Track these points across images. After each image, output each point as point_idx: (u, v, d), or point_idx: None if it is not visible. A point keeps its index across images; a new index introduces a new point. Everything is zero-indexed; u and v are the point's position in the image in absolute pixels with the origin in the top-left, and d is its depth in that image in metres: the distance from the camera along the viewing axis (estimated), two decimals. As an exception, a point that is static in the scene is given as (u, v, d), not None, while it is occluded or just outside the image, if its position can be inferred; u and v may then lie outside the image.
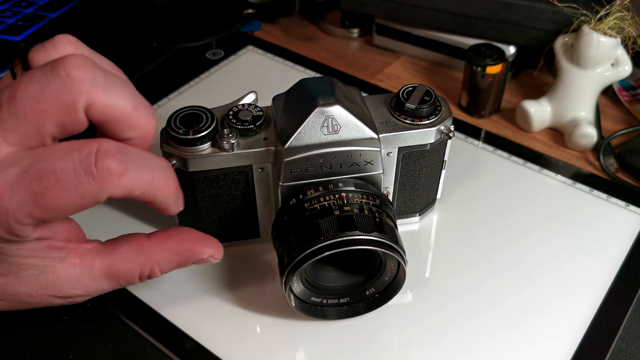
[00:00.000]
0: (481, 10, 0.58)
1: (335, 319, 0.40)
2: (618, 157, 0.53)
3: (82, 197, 0.28)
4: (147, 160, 0.30)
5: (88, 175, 0.28)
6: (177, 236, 0.36)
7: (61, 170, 0.27)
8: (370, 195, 0.38)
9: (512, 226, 0.46)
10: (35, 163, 0.28)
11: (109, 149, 0.28)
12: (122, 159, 0.28)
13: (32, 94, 0.28)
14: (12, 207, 0.28)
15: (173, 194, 0.32)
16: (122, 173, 0.28)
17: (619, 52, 0.51)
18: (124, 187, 0.29)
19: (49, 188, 0.27)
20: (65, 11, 0.65)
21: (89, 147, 0.28)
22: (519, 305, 0.41)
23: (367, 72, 0.64)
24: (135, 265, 0.35)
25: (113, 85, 0.29)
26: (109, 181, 0.28)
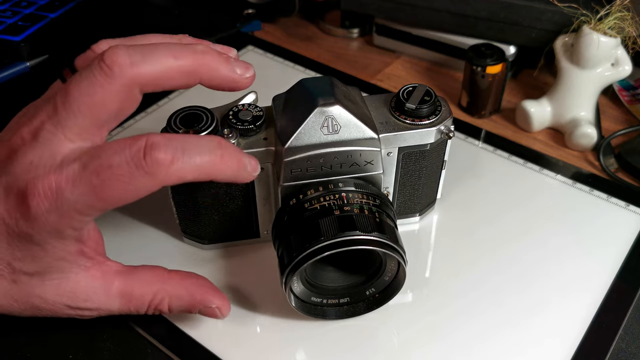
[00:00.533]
0: (481, 10, 0.58)
1: (335, 319, 0.40)
2: (618, 157, 0.53)
3: (136, 188, 0.31)
4: (195, 146, 0.32)
5: (139, 168, 0.30)
6: (195, 279, 0.38)
7: (116, 164, 0.30)
8: (370, 195, 0.38)
9: (512, 226, 0.46)
10: (93, 159, 0.31)
11: (156, 142, 0.30)
12: (168, 149, 0.30)
13: (83, 91, 0.31)
14: (74, 199, 0.30)
15: (231, 168, 0.33)
16: (170, 162, 0.30)
17: (619, 52, 0.51)
18: (174, 174, 0.31)
19: (106, 181, 0.30)
20: (65, 11, 0.65)
21: (139, 142, 0.30)
22: (519, 305, 0.41)
23: (367, 72, 0.64)
24: (150, 292, 0.36)
25: (147, 54, 0.32)
26: (158, 172, 0.30)
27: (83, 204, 0.31)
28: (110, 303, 0.36)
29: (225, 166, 0.33)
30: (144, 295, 0.36)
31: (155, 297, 0.37)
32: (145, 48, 0.32)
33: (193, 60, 0.33)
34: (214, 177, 0.33)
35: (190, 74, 0.33)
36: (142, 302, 0.37)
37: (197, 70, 0.33)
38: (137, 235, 0.45)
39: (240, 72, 0.35)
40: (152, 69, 0.32)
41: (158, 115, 0.56)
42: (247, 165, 0.34)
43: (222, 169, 0.33)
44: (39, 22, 0.63)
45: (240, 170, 0.34)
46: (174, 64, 0.32)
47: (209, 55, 0.34)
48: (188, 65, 0.33)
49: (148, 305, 0.37)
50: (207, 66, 0.33)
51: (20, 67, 0.60)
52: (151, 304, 0.37)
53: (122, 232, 0.46)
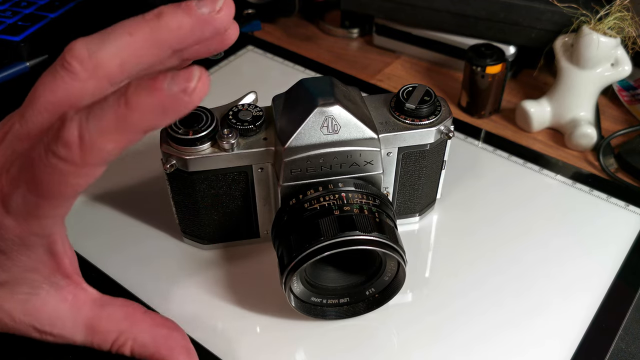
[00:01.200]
0: (481, 10, 0.58)
1: (335, 319, 0.40)
2: (618, 157, 0.53)
3: (65, 177, 0.27)
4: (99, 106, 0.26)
5: (55, 156, 0.26)
6: (167, 331, 0.36)
7: (36, 157, 0.27)
8: (370, 195, 0.38)
9: (512, 226, 0.46)
10: (24, 157, 0.28)
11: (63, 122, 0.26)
12: (73, 125, 0.26)
13: (47, 87, 0.29)
14: (19, 200, 0.28)
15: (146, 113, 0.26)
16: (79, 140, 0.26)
17: (618, 52, 0.51)
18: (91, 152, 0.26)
19: (35, 176, 0.27)
20: (65, 11, 0.65)
21: (54, 126, 0.27)
22: (519, 305, 0.41)
23: (367, 72, 0.64)
24: (115, 330, 0.35)
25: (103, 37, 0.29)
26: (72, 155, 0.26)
27: (29, 205, 0.28)
28: (74, 332, 0.34)
29: (135, 113, 0.26)
30: (109, 332, 0.34)
31: (120, 337, 0.34)
32: (102, 34, 0.29)
33: (149, 28, 0.29)
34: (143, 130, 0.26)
35: (154, 44, 0.29)
36: (105, 339, 0.35)
37: (158, 37, 0.29)
38: (137, 236, 0.45)
39: (207, 10, 0.29)
40: (110, 52, 0.29)
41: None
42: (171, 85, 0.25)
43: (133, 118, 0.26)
44: (39, 22, 0.63)
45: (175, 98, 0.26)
46: (130, 40, 0.29)
47: (166, 15, 0.29)
48: (146, 35, 0.29)
49: (111, 344, 0.35)
50: (168, 27, 0.29)
51: (20, 67, 0.60)
52: (114, 344, 0.35)
53: (121, 232, 0.46)
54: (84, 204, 0.47)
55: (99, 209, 0.47)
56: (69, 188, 0.27)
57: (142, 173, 0.50)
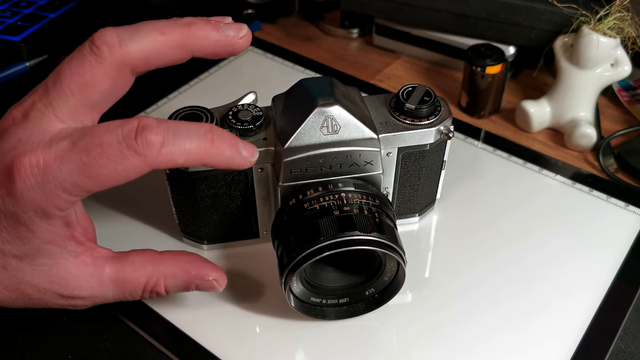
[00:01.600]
0: (481, 11, 0.58)
1: (335, 319, 0.40)
2: (618, 157, 0.53)
3: (126, 168, 0.30)
4: (186, 130, 0.32)
5: (130, 148, 0.30)
6: (188, 256, 0.37)
7: (107, 143, 0.30)
8: (369, 196, 0.38)
9: (512, 226, 0.46)
10: (83, 137, 0.30)
11: (149, 124, 0.31)
12: (160, 131, 0.30)
13: (73, 71, 0.32)
14: (61, 176, 0.30)
15: (223, 153, 0.32)
16: (161, 145, 0.30)
17: (618, 52, 0.51)
18: (164, 157, 0.31)
19: (96, 159, 0.30)
20: (65, 11, 0.65)
21: (132, 123, 0.31)
22: (519, 305, 0.41)
23: (367, 73, 0.64)
24: (143, 274, 0.36)
25: (136, 31, 0.32)
26: (149, 153, 0.30)
27: (70, 182, 0.30)
28: (104, 290, 0.36)
29: (216, 150, 0.32)
30: (138, 279, 0.36)
31: (150, 279, 0.36)
32: (132, 27, 0.32)
33: (180, 32, 0.33)
34: (206, 162, 0.32)
35: (180, 47, 0.33)
36: (136, 287, 0.36)
37: (186, 42, 0.33)
38: (137, 236, 0.45)
39: (233, 34, 0.34)
40: (141, 46, 0.32)
41: (157, 115, 0.56)
42: (241, 150, 0.33)
43: (214, 153, 0.32)
44: (39, 22, 0.63)
45: (235, 156, 0.33)
46: (161, 39, 0.32)
47: (196, 26, 0.33)
48: (176, 38, 0.33)
49: (143, 289, 0.36)
50: (196, 36, 0.33)
51: (20, 67, 0.60)
52: (146, 287, 0.36)
53: (121, 232, 0.46)
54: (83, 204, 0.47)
55: (99, 209, 0.47)
56: (119, 179, 0.31)
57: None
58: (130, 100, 0.59)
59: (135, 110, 0.57)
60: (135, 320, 0.40)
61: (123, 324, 0.40)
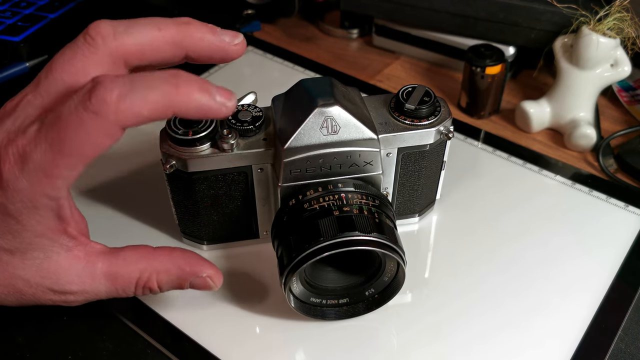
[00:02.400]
0: (480, 11, 0.58)
1: (335, 319, 0.40)
2: (617, 157, 0.53)
3: (89, 133, 0.29)
4: (146, 79, 0.29)
5: (87, 110, 0.28)
6: (182, 252, 0.37)
7: (66, 112, 0.29)
8: (369, 196, 0.38)
9: (512, 227, 0.46)
10: (49, 114, 0.30)
11: (101, 80, 0.29)
12: (114, 85, 0.28)
13: (66, 59, 0.31)
14: (38, 158, 0.29)
15: (193, 98, 0.30)
16: (117, 99, 0.28)
17: (618, 52, 0.51)
18: (125, 112, 0.29)
19: (60, 132, 0.29)
20: (65, 12, 0.65)
21: (85, 86, 0.29)
22: (519, 305, 0.41)
23: (367, 73, 0.64)
24: (136, 269, 0.35)
25: (131, 25, 0.32)
26: (106, 110, 0.28)
27: (48, 163, 0.29)
28: (96, 285, 0.35)
29: (184, 97, 0.30)
30: (131, 274, 0.35)
31: (143, 275, 0.35)
32: (129, 21, 0.32)
33: (177, 30, 0.33)
34: (176, 111, 0.30)
35: (175, 44, 0.33)
36: (129, 282, 0.35)
37: (182, 40, 0.33)
38: (136, 236, 0.45)
39: (228, 40, 0.34)
40: (136, 40, 0.32)
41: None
42: (214, 94, 0.30)
43: (182, 100, 0.30)
44: (39, 23, 0.63)
45: (208, 102, 0.30)
46: (157, 34, 0.32)
47: (193, 26, 0.33)
48: (172, 35, 0.33)
49: (136, 285, 0.36)
50: (192, 36, 0.33)
51: (20, 67, 0.60)
52: (139, 283, 0.36)
53: (121, 232, 0.46)
54: (83, 205, 0.47)
55: (98, 209, 0.47)
56: (90, 147, 0.29)
57: (142, 173, 0.50)
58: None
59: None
60: (135, 320, 0.40)
61: (123, 324, 0.40)
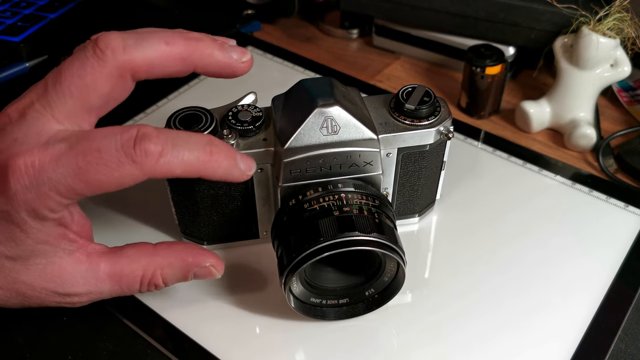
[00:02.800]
0: (480, 11, 0.58)
1: (335, 319, 0.40)
2: (617, 157, 0.53)
3: (122, 175, 0.30)
4: (185, 140, 0.32)
5: (128, 156, 0.30)
6: (182, 245, 0.37)
7: (105, 149, 0.30)
8: (369, 196, 0.38)
9: (512, 227, 0.46)
10: (81, 140, 0.30)
11: (148, 132, 0.31)
12: (159, 141, 0.31)
13: (74, 72, 0.31)
14: (56, 178, 0.30)
15: (221, 166, 0.33)
16: (159, 154, 0.30)
17: (618, 52, 0.51)
18: (161, 167, 0.31)
19: (92, 164, 0.30)
20: (65, 12, 0.65)
21: (131, 131, 0.30)
22: (518, 305, 0.41)
23: (367, 73, 0.64)
24: (139, 267, 0.36)
25: (141, 39, 0.32)
26: (146, 163, 0.30)
27: (64, 185, 0.30)
28: (100, 286, 0.35)
29: (214, 163, 0.32)
30: (134, 271, 0.36)
31: (147, 271, 0.36)
32: (138, 34, 0.32)
33: (185, 45, 0.33)
34: (203, 174, 0.32)
35: (183, 60, 0.33)
36: (133, 280, 0.36)
37: (190, 55, 0.33)
38: (136, 236, 0.45)
39: (236, 57, 0.35)
40: (145, 54, 0.32)
41: (157, 116, 0.56)
42: (239, 163, 0.34)
43: (212, 165, 0.32)
44: (39, 23, 0.63)
45: (232, 169, 0.33)
46: (166, 49, 0.32)
47: (202, 42, 0.34)
48: (180, 50, 0.33)
49: (140, 282, 0.36)
50: (201, 52, 0.33)
51: (20, 67, 0.60)
52: (143, 280, 0.36)
53: (120, 232, 0.46)
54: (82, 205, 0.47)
55: (98, 210, 0.47)
56: (116, 185, 0.31)
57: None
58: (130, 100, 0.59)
59: (135, 111, 0.57)
60: (135, 321, 0.40)
61: (123, 324, 0.40)
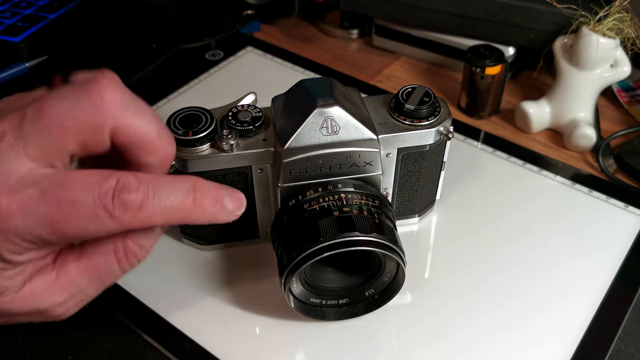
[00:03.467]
0: (480, 12, 0.58)
1: (335, 319, 0.40)
2: (617, 158, 0.53)
3: (97, 229, 0.28)
4: (167, 187, 0.29)
5: (106, 209, 0.28)
6: None
7: (81, 201, 0.28)
8: (369, 196, 0.38)
9: (511, 227, 0.46)
10: (55, 188, 0.28)
11: (128, 183, 0.28)
12: (139, 193, 0.28)
13: (61, 110, 0.28)
14: (24, 226, 0.28)
15: (206, 211, 0.31)
16: (139, 207, 0.28)
17: (618, 53, 0.51)
18: (140, 220, 0.29)
19: (66, 216, 0.28)
20: (65, 12, 0.65)
21: (110, 181, 0.28)
22: (518, 305, 0.41)
23: (367, 73, 0.64)
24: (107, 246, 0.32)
25: (141, 110, 0.30)
26: (125, 217, 0.28)
27: (33, 234, 0.28)
28: (78, 285, 0.32)
29: (198, 210, 0.30)
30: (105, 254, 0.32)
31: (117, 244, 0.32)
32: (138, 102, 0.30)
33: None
34: (187, 221, 0.30)
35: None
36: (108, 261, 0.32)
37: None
38: (137, 236, 0.45)
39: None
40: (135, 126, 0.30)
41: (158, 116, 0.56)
42: (226, 204, 0.31)
43: (195, 213, 0.30)
44: (38, 23, 0.63)
45: (217, 214, 0.31)
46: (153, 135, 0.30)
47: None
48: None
49: (117, 260, 0.32)
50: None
51: (20, 67, 0.60)
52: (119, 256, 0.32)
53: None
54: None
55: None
56: (88, 236, 0.29)
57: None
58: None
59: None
60: (135, 320, 0.40)
61: (123, 324, 0.40)
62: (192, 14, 0.72)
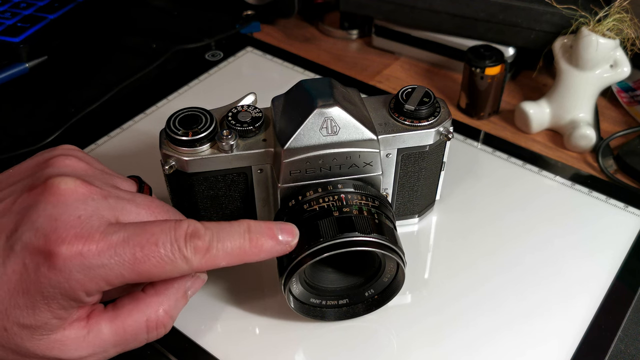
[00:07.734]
0: (480, 12, 0.58)
1: (334, 320, 0.40)
2: (617, 158, 0.53)
3: (173, 270, 0.32)
4: (228, 232, 0.33)
5: (180, 251, 0.32)
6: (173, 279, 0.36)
7: (162, 243, 0.31)
8: (369, 197, 0.38)
9: (511, 227, 0.46)
10: (139, 232, 0.31)
11: (197, 229, 0.32)
12: (206, 237, 0.32)
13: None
14: (109, 266, 0.31)
15: (263, 249, 0.34)
16: (206, 250, 0.32)
17: (617, 53, 0.51)
18: (208, 262, 0.32)
19: (148, 256, 0.31)
20: (65, 12, 0.65)
21: (182, 226, 0.32)
22: (518, 306, 0.41)
23: (366, 74, 0.64)
24: (142, 314, 0.35)
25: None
26: (195, 259, 0.32)
27: (116, 273, 0.31)
28: (104, 345, 0.34)
29: (255, 249, 0.34)
30: (137, 321, 0.34)
31: (150, 318, 0.35)
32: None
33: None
34: (248, 260, 0.34)
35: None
36: (138, 330, 0.35)
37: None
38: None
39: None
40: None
41: (157, 116, 0.56)
42: (279, 237, 0.34)
43: (253, 251, 0.34)
44: (38, 24, 0.63)
45: (274, 247, 0.34)
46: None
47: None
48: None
49: (147, 329, 0.35)
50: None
51: (20, 68, 0.60)
52: (149, 326, 0.35)
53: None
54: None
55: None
56: (163, 276, 0.32)
57: (141, 173, 0.50)
58: (130, 101, 0.59)
59: (135, 111, 0.57)
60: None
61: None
62: (192, 14, 0.72)
